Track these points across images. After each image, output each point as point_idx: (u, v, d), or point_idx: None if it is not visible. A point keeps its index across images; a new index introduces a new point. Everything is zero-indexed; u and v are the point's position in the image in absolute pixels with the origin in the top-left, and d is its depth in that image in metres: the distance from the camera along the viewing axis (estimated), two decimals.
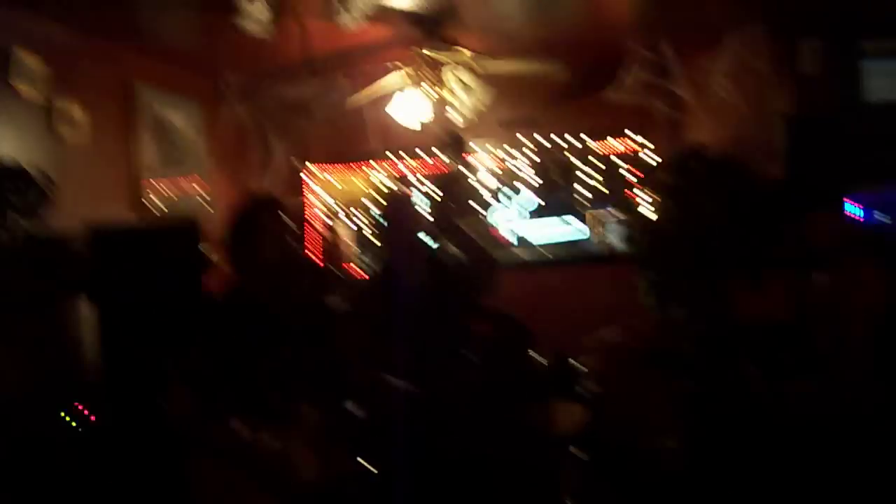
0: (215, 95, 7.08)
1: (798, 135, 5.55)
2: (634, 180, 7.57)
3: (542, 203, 8.05)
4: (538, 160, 7.86)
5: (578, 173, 7.77)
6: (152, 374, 4.00)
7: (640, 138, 7.68)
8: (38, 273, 4.64)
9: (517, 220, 8.07)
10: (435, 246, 4.18)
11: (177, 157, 6.56)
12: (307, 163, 8.06)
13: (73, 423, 4.52)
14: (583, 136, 7.71)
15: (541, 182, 7.94)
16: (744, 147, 6.16)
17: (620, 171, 7.74)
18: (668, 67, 6.71)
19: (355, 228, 8.24)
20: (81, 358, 4.90)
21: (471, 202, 7.93)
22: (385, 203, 5.06)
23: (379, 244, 7.71)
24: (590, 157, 7.73)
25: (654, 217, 6.45)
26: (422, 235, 4.83)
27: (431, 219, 4.50)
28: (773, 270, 5.57)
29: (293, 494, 3.46)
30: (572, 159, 7.72)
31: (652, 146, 7.61)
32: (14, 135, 4.77)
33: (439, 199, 4.06)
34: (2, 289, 4.37)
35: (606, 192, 7.85)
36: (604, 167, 7.77)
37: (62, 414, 4.53)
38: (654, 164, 7.18)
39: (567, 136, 7.72)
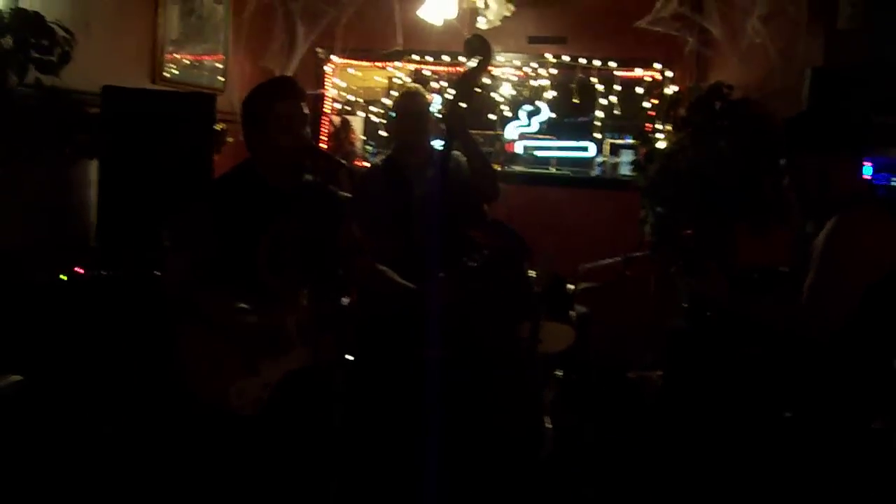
0: None
1: (824, 88, 5.53)
2: (653, 111, 7.52)
3: (561, 123, 8.02)
4: (562, 80, 7.81)
5: (600, 97, 7.72)
6: (148, 239, 4.06)
7: (666, 70, 7.62)
8: (53, 129, 4.66)
9: (533, 136, 8.06)
10: (441, 145, 4.18)
11: (201, 32, 6.53)
12: (331, 55, 8.00)
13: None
14: (610, 61, 7.65)
15: (562, 102, 7.89)
16: (768, 94, 6.14)
17: (641, 99, 7.70)
18: (705, 3, 6.66)
19: (369, 122, 8.22)
20: (85, 219, 4.95)
21: (489, 113, 7.92)
22: (398, 96, 5.10)
23: (386, 135, 7.78)
24: (613, 84, 7.68)
25: (666, 149, 6.47)
26: (429, 135, 4.86)
27: (442, 118, 4.51)
28: (778, 219, 5.62)
29: (276, 375, 3.51)
30: (595, 83, 7.67)
31: (676, 80, 7.57)
32: None
33: (452, 100, 4.04)
34: (17, 142, 4.39)
35: (624, 118, 7.82)
36: (626, 94, 7.72)
37: (60, 274, 4.59)
38: (676, 97, 7.14)
39: (594, 60, 7.66)
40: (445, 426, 3.79)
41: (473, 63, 3.86)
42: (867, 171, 4.48)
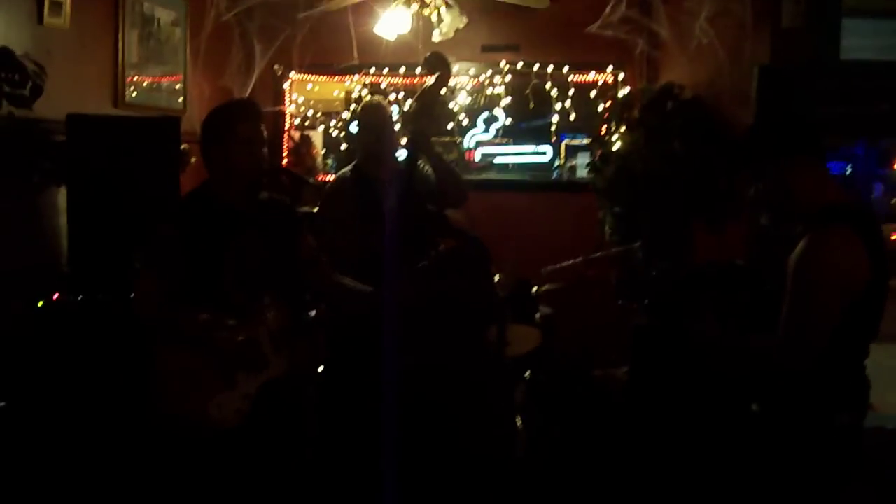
0: None
1: (771, 85, 5.66)
2: (607, 113, 7.64)
3: (518, 128, 8.12)
4: (517, 86, 7.94)
5: (555, 102, 7.85)
6: (120, 263, 4.12)
7: (618, 73, 7.77)
8: (19, 158, 4.71)
9: (491, 143, 8.15)
10: (404, 157, 4.27)
11: (160, 55, 6.59)
12: (289, 71, 8.08)
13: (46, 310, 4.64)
14: (563, 66, 7.78)
15: (517, 108, 8.02)
16: (717, 92, 6.27)
17: (595, 103, 7.85)
18: (653, 6, 6.79)
19: (328, 136, 8.27)
20: (57, 246, 5.00)
21: (448, 122, 8.00)
22: (360, 108, 5.19)
23: (347, 148, 7.84)
24: (567, 88, 7.81)
25: (621, 150, 6.58)
26: (393, 146, 4.96)
27: (403, 132, 4.61)
28: (733, 214, 5.75)
29: (254, 386, 3.61)
30: (550, 88, 7.81)
31: (628, 82, 7.72)
32: (3, 21, 4.75)
33: (413, 112, 4.13)
34: None
35: (580, 122, 7.95)
36: (580, 98, 7.86)
37: (38, 302, 4.64)
38: (628, 99, 7.28)
39: (548, 65, 7.80)
40: (419, 432, 3.87)
41: (432, 79, 3.95)
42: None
